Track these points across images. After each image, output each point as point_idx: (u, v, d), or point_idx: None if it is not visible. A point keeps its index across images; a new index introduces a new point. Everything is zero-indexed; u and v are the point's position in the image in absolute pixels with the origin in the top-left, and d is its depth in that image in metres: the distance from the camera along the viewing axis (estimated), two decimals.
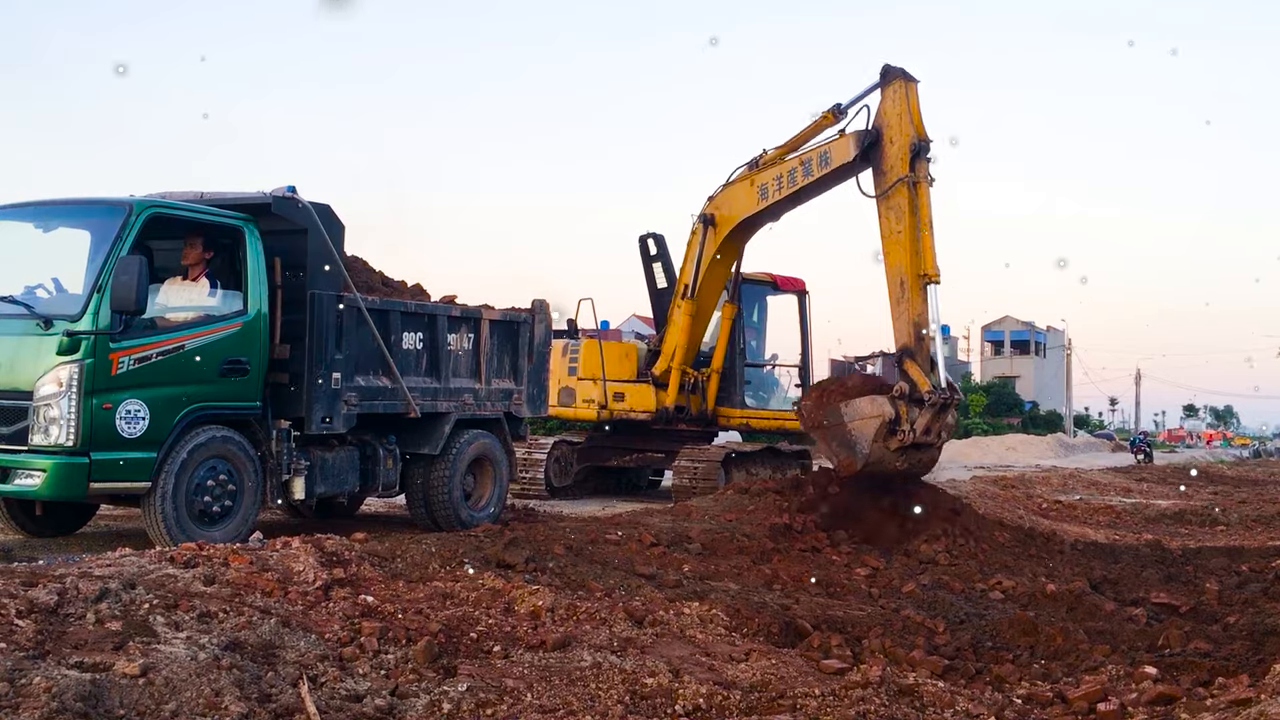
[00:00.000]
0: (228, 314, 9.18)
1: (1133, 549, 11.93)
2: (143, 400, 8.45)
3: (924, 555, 10.40)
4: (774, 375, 17.65)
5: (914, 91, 11.89)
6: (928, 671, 6.02)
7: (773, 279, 17.17)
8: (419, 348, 10.83)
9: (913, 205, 11.56)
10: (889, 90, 11.99)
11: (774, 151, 13.75)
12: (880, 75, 12.09)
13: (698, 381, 16.25)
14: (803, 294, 17.33)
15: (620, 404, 16.25)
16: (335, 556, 6.86)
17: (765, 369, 17.51)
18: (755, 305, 17.36)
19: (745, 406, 16.63)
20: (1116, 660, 6.47)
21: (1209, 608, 8.41)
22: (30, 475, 8.21)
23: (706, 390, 16.33)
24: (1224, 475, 30.18)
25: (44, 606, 5.06)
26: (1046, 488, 21.36)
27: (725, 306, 16.32)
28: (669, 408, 16.09)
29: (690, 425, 16.52)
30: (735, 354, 16.48)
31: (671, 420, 16.24)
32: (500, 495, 11.91)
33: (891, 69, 12.01)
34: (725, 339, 16.44)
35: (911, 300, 11.48)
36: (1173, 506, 18.92)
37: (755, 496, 11.71)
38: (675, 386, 16.02)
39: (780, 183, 13.64)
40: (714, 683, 5.27)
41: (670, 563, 8.74)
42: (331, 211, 9.92)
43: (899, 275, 11.61)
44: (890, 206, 11.76)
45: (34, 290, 8.80)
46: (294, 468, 9.54)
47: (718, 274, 15.66)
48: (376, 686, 4.91)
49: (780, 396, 17.38)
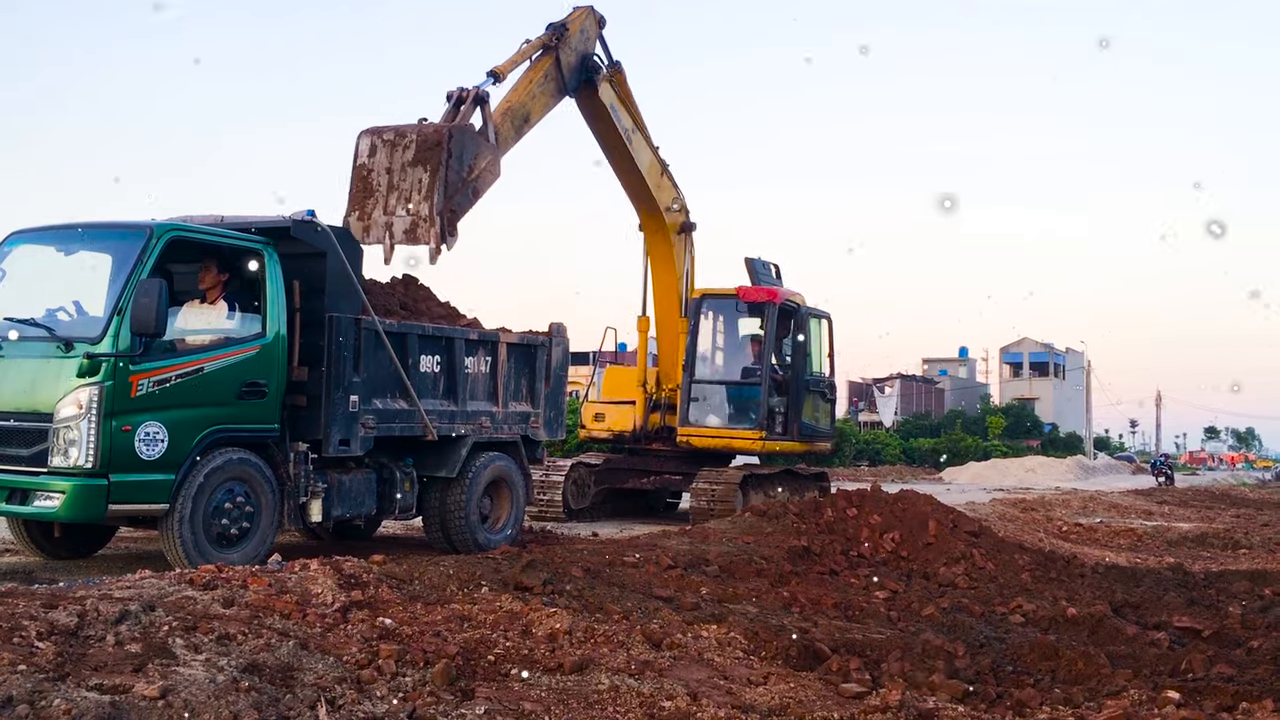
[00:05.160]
0: (246, 337, 9.22)
1: (1155, 572, 11.83)
2: (162, 422, 8.49)
3: (943, 578, 10.35)
4: (734, 392, 16.70)
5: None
6: (948, 696, 5.97)
7: (736, 291, 16.54)
8: (436, 370, 10.86)
9: None
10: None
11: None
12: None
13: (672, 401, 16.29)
14: (771, 305, 16.24)
15: (600, 424, 16.36)
16: (353, 579, 6.86)
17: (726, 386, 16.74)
18: (720, 320, 17.14)
19: (689, 424, 16.23)
20: (1139, 685, 6.41)
21: (1232, 632, 8.33)
22: (49, 497, 8.24)
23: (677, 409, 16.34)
24: (1246, 498, 29.95)
25: (64, 628, 5.07)
26: (1067, 510, 21.24)
27: (680, 321, 16.33)
28: (639, 429, 16.15)
29: (663, 445, 16.50)
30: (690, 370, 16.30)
31: (647, 439, 16.29)
32: (517, 518, 11.90)
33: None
34: (680, 355, 16.34)
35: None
36: (1195, 529, 18.76)
37: (773, 519, 11.68)
38: (641, 406, 16.10)
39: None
40: (732, 706, 5.24)
41: (688, 585, 8.71)
42: (350, 234, 9.99)
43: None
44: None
45: (55, 313, 8.87)
46: (311, 490, 9.56)
47: (660, 283, 15.76)
48: (394, 709, 4.90)
49: (740, 414, 16.41)
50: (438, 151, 10.60)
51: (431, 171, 10.53)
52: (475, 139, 11.15)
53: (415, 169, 10.62)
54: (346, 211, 10.79)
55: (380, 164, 10.77)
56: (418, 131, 10.81)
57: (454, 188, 10.64)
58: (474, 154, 11.00)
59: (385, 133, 10.86)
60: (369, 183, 10.77)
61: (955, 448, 55.76)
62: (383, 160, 10.77)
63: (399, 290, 11.48)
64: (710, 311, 16.79)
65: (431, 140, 10.71)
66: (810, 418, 16.98)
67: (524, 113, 12.21)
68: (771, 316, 16.26)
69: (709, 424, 16.38)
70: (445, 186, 10.54)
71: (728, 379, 16.91)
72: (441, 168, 10.52)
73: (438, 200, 10.47)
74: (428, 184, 10.53)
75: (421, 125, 10.95)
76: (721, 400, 16.67)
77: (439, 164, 10.54)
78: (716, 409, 16.57)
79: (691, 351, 16.36)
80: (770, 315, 16.27)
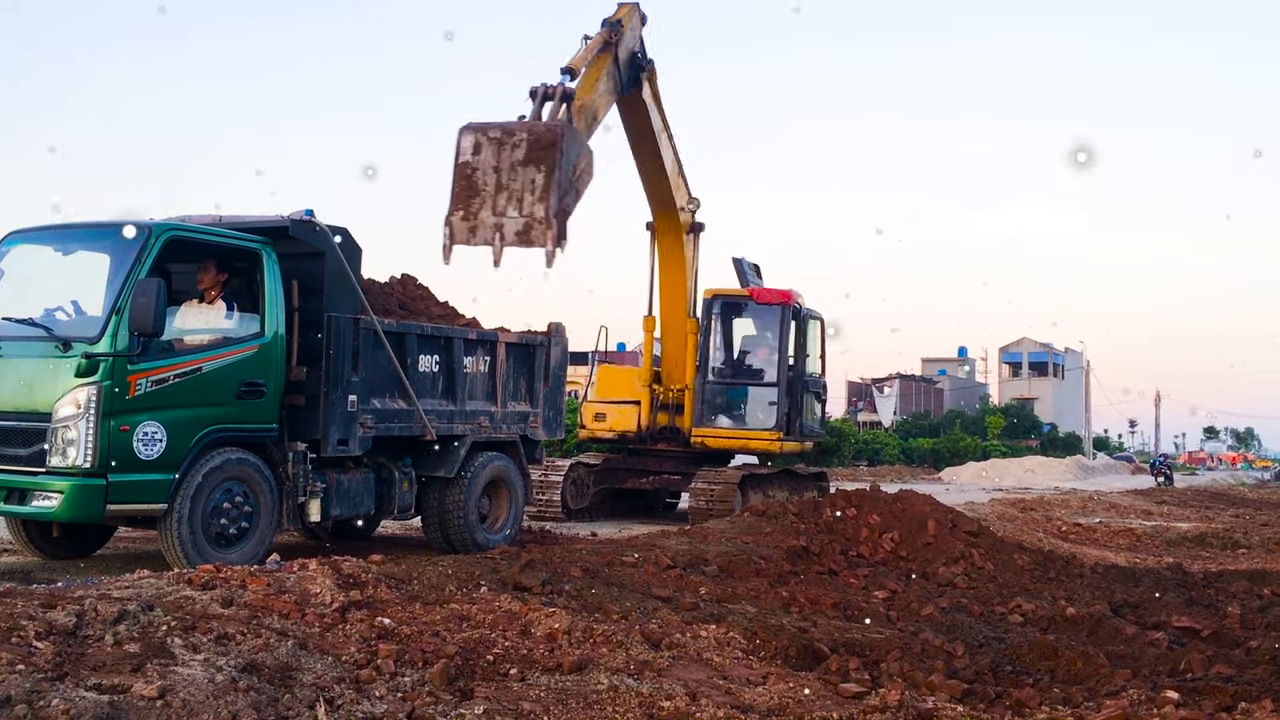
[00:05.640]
0: (245, 336, 9.21)
1: (1154, 572, 11.83)
2: (160, 422, 8.48)
3: (942, 578, 10.35)
4: (749, 393, 16.80)
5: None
6: (947, 695, 5.97)
7: (749, 292, 16.74)
8: (435, 370, 10.85)
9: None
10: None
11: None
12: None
13: (681, 401, 16.27)
14: (786, 307, 16.50)
15: (600, 424, 16.33)
16: (352, 579, 6.85)
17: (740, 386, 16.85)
18: (733, 320, 17.18)
19: (703, 425, 16.31)
20: (1138, 685, 6.40)
21: (1231, 632, 8.33)
22: (48, 497, 8.24)
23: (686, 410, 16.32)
24: (1245, 498, 29.96)
25: (63, 628, 5.07)
26: (1066, 510, 21.23)
27: (690, 321, 16.32)
28: (644, 429, 16.11)
29: (671, 445, 16.49)
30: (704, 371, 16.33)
31: (652, 440, 16.26)
32: (516, 517, 11.90)
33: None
34: (691, 356, 16.36)
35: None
36: (1194, 529, 18.76)
37: (772, 519, 11.67)
38: (647, 406, 16.06)
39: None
40: (731, 706, 5.23)
41: (687, 585, 8.71)
42: (349, 234, 9.98)
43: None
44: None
45: (53, 312, 8.87)
46: (310, 490, 9.55)
47: (669, 283, 15.69)
48: (393, 709, 4.89)
49: (754, 415, 16.58)
50: (552, 152, 10.15)
51: (547, 172, 10.08)
52: (577, 138, 10.77)
53: (527, 169, 10.15)
54: (449, 211, 10.23)
55: (486, 162, 10.24)
56: (528, 130, 10.36)
57: (563, 188, 10.24)
58: (576, 154, 10.62)
59: (491, 130, 10.35)
60: (474, 182, 10.25)
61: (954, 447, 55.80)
62: (489, 159, 10.24)
63: (397, 290, 11.48)
64: (721, 312, 16.81)
65: (545, 140, 10.24)
66: (809, 418, 17.13)
67: (592, 110, 11.87)
68: (786, 318, 16.45)
69: (725, 425, 16.52)
70: (559, 188, 10.14)
71: (745, 380, 16.96)
72: (556, 169, 10.11)
73: (554, 202, 10.04)
74: (542, 184, 10.07)
75: (531, 124, 10.54)
76: (738, 401, 16.80)
77: (554, 165, 10.11)
78: (733, 410, 16.73)
79: (705, 352, 16.42)
80: (785, 317, 16.46)
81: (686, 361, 16.39)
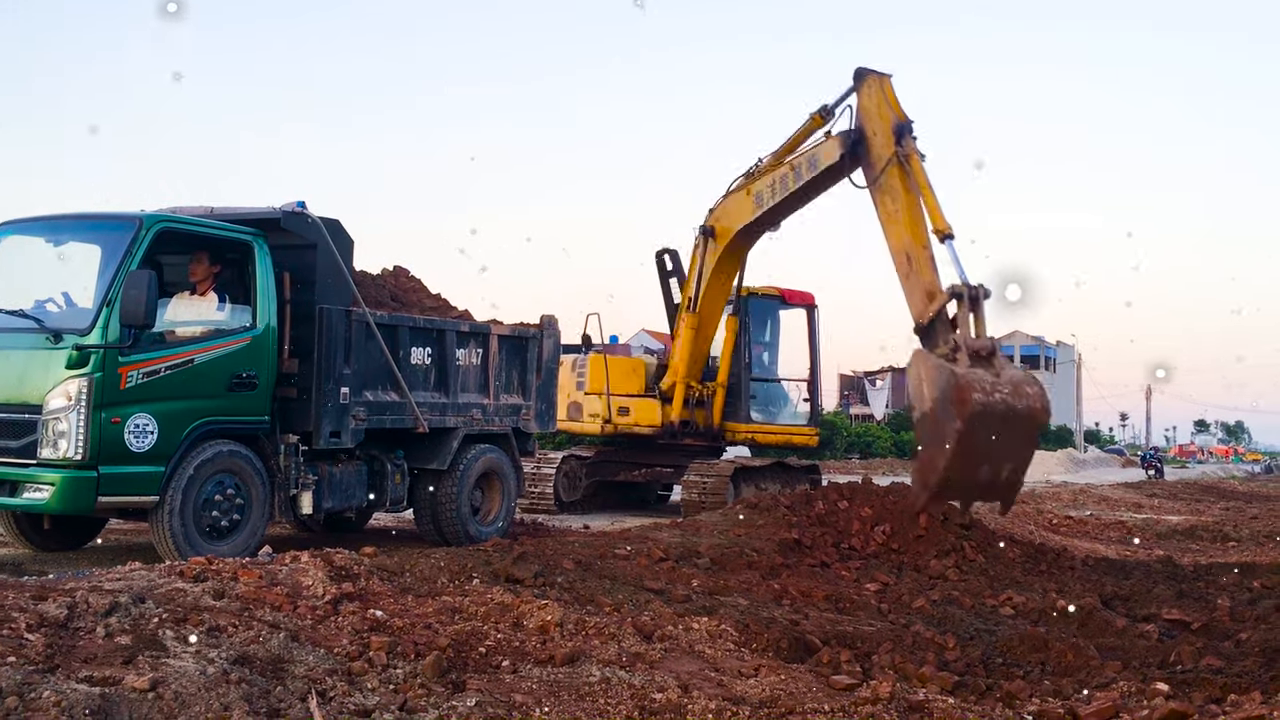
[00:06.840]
0: (236, 328, 9.19)
1: (1144, 565, 11.87)
2: (151, 414, 8.47)
3: (934, 571, 10.37)
4: (783, 390, 17.59)
5: (888, 84, 11.75)
6: (938, 688, 5.99)
7: (780, 293, 17.17)
8: (428, 363, 10.84)
9: (906, 183, 11.16)
10: (864, 88, 11.86)
11: (768, 158, 13.76)
12: (854, 78, 12.01)
13: (703, 396, 16.26)
14: (812, 308, 17.34)
15: (625, 418, 16.23)
16: (344, 571, 6.84)
17: (773, 383, 17.45)
18: (763, 319, 17.33)
19: (751, 421, 16.63)
20: (1128, 677, 6.42)
21: (1221, 624, 8.36)
22: (39, 489, 8.23)
23: (713, 405, 16.33)
24: (1235, 491, 30.05)
25: (54, 620, 5.06)
26: (1057, 503, 21.28)
27: (729, 320, 16.34)
28: (674, 423, 16.08)
29: (697, 440, 16.51)
30: (741, 368, 16.48)
31: (677, 435, 16.22)
32: (508, 510, 11.90)
33: (862, 70, 11.94)
34: (729, 353, 16.46)
35: (920, 270, 10.72)
36: (1184, 522, 18.83)
37: (764, 511, 11.67)
38: (680, 401, 16.03)
39: (774, 189, 13.62)
40: (723, 698, 5.24)
41: (679, 578, 8.72)
42: (341, 226, 9.96)
43: (903, 250, 10.94)
44: (884, 190, 11.38)
45: (44, 304, 8.83)
46: (302, 482, 9.55)
47: (719, 286, 15.67)
48: (385, 701, 4.89)
49: (790, 411, 17.38)
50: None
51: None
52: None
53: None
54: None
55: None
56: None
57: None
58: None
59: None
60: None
61: None
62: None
63: (390, 282, 11.47)
64: (755, 311, 16.95)
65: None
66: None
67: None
68: (813, 318, 17.23)
69: (768, 421, 16.96)
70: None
71: (783, 376, 17.59)
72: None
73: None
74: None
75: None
76: (778, 397, 17.42)
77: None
78: (774, 406, 17.26)
79: (747, 349, 16.61)
80: (811, 317, 17.24)
81: (724, 358, 16.49)
